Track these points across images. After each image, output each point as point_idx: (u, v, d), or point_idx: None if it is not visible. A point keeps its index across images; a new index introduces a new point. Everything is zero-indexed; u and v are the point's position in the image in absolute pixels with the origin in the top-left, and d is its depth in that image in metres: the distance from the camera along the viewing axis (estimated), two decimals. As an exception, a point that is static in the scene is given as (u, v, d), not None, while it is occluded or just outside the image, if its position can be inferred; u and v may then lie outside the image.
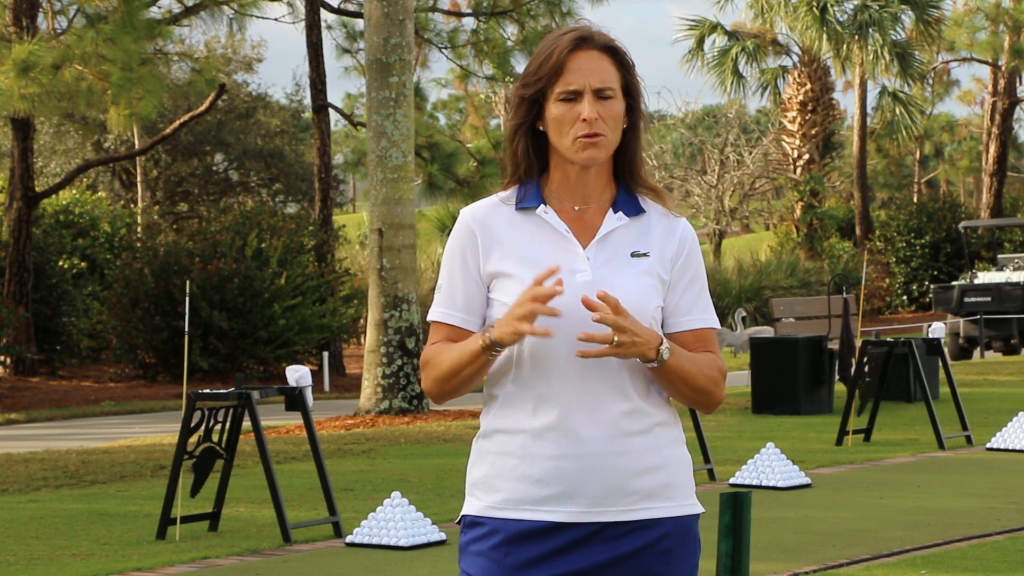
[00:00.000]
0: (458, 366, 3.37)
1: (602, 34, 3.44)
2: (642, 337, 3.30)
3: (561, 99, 3.39)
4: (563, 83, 3.39)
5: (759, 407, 17.35)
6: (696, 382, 3.40)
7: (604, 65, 3.41)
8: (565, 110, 3.39)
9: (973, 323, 28.78)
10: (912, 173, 70.61)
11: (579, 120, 3.38)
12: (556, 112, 3.40)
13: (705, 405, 3.45)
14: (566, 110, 3.39)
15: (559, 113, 3.39)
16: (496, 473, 3.41)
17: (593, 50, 3.41)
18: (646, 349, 3.31)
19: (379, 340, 17.89)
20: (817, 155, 40.23)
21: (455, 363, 3.38)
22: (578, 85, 3.39)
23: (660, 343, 3.33)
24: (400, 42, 17.97)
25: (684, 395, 3.42)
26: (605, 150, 3.40)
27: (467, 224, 3.46)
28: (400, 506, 9.43)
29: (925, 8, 38.76)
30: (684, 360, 3.38)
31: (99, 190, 39.98)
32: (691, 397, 3.42)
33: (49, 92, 22.87)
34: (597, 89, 3.39)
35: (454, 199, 31.34)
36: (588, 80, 3.39)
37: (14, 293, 25.44)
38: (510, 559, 3.37)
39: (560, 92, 3.39)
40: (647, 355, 3.32)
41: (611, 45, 3.43)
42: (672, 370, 3.36)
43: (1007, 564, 8.56)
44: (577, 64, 3.40)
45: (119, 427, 19.73)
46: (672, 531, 3.40)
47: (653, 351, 3.32)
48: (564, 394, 3.36)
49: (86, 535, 9.96)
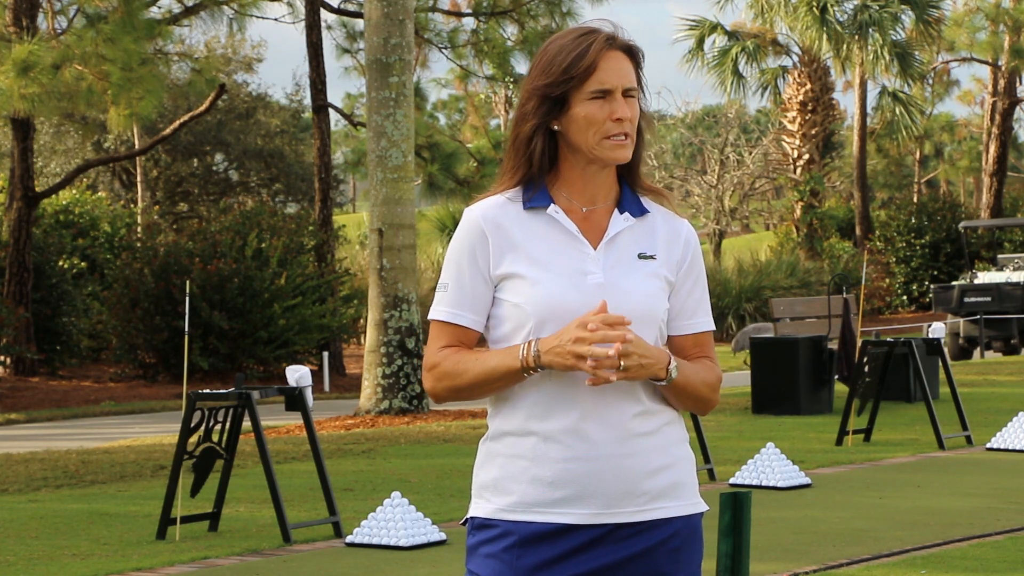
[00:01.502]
0: (487, 379, 3.36)
1: (623, 34, 3.45)
2: (650, 358, 3.31)
3: (591, 98, 3.38)
4: (596, 82, 3.37)
5: (759, 407, 17.35)
6: (699, 392, 3.44)
7: (628, 66, 3.42)
8: (595, 108, 3.37)
9: (973, 323, 28.78)
10: (912, 173, 70.63)
11: (610, 119, 3.36)
12: (585, 111, 3.37)
13: (701, 411, 3.50)
14: (596, 108, 3.37)
15: (590, 112, 3.37)
16: (507, 475, 3.40)
17: (619, 50, 3.42)
18: (655, 370, 3.33)
19: (379, 340, 17.89)
20: (817, 155, 40.23)
21: (484, 376, 3.36)
22: (611, 84, 3.37)
23: (669, 362, 3.35)
24: (400, 42, 17.97)
25: (684, 404, 3.45)
26: (631, 150, 3.42)
27: (477, 224, 3.42)
28: (400, 506, 9.43)
29: (925, 8, 38.75)
30: (690, 374, 3.41)
31: (99, 190, 40.00)
32: (690, 405, 3.46)
33: (49, 92, 22.87)
34: (626, 89, 3.39)
35: (454, 199, 31.35)
36: (619, 80, 3.38)
37: (14, 293, 25.45)
38: (523, 561, 3.37)
39: (593, 91, 3.37)
40: (656, 375, 3.34)
41: (631, 46, 3.44)
42: (679, 386, 3.39)
43: (1007, 564, 8.57)
44: (608, 64, 3.38)
45: (119, 427, 19.73)
46: (681, 529, 3.42)
47: (663, 371, 3.34)
48: (575, 397, 3.35)
49: (86, 535, 9.96)
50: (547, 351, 3.29)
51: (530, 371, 3.31)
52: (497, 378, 3.34)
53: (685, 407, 3.46)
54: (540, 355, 3.29)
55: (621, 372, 3.28)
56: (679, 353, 3.47)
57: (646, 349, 3.31)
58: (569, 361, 3.27)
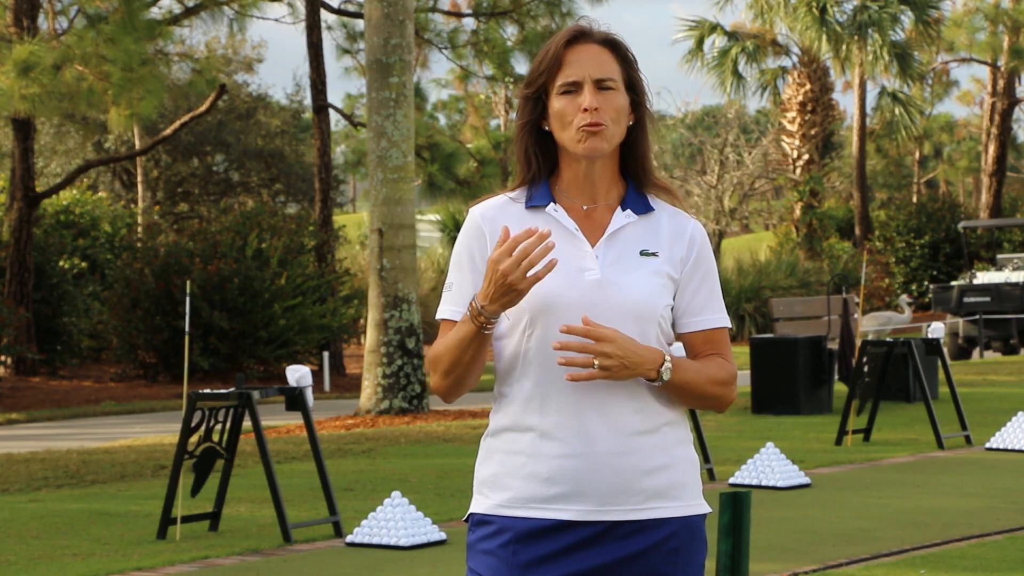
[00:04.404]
0: (460, 349, 3.36)
1: (600, 28, 3.45)
2: (635, 359, 3.30)
3: (562, 92, 3.40)
4: (563, 76, 3.40)
5: (759, 407, 17.36)
6: (703, 391, 3.40)
7: (604, 57, 3.42)
8: (566, 103, 3.39)
9: (972, 323, 28.79)
10: (911, 173, 70.61)
11: (580, 111, 3.38)
12: (558, 106, 3.40)
13: (715, 408, 3.47)
14: (567, 102, 3.39)
15: (560, 106, 3.40)
16: (504, 471, 3.41)
17: (592, 43, 3.43)
18: (643, 371, 3.32)
19: (379, 340, 17.91)
20: (817, 155, 40.24)
21: (456, 348, 3.36)
22: (577, 76, 3.39)
23: (661, 363, 3.34)
24: (400, 43, 17.99)
25: (691, 403, 3.43)
26: (607, 141, 3.40)
27: (476, 223, 3.46)
28: (400, 506, 9.44)
29: (924, 8, 38.76)
30: (688, 374, 3.38)
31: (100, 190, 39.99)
32: (699, 404, 3.43)
33: (50, 92, 22.88)
34: (597, 79, 3.39)
35: (454, 199, 31.36)
36: (587, 71, 3.39)
37: (15, 293, 25.46)
38: (518, 557, 3.38)
39: (561, 85, 3.40)
40: (646, 375, 3.33)
41: (610, 38, 3.44)
42: (676, 386, 3.37)
43: (1007, 564, 8.58)
44: (575, 56, 3.41)
45: (120, 427, 19.74)
46: (679, 530, 3.41)
47: (652, 372, 3.33)
48: (573, 393, 3.36)
49: (87, 535, 9.98)
50: (488, 300, 3.28)
51: (486, 327, 3.30)
52: (466, 345, 3.34)
53: (694, 406, 3.43)
54: (484, 308, 3.29)
55: (601, 372, 3.28)
56: (689, 350, 3.47)
57: (631, 349, 3.30)
58: (513, 292, 3.25)
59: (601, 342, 3.27)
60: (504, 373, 3.44)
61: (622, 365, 3.29)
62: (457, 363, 3.38)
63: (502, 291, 3.26)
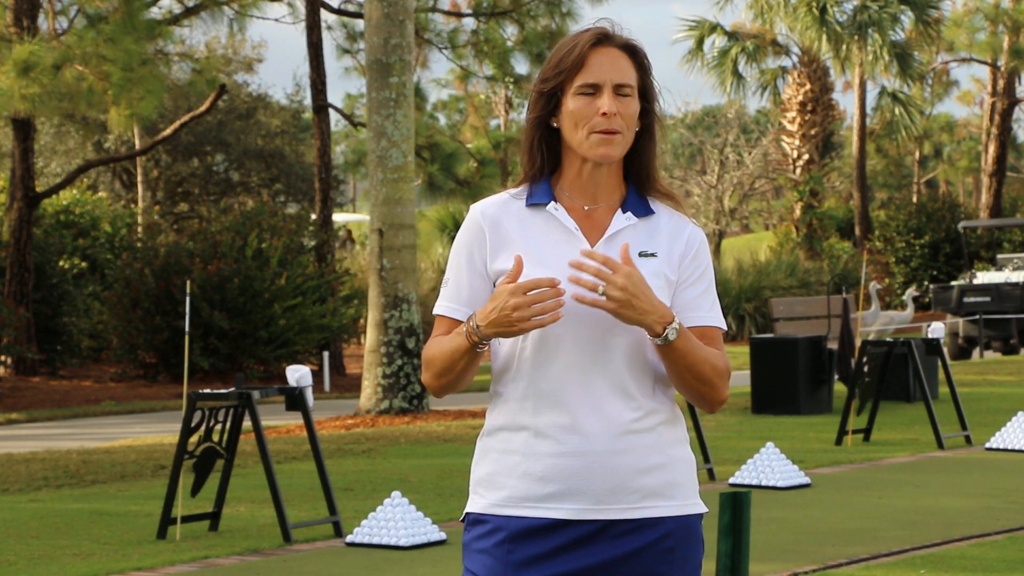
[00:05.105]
0: (452, 360, 3.38)
1: (622, 33, 3.46)
2: (644, 303, 3.28)
3: (580, 93, 3.40)
4: (583, 76, 3.39)
5: (759, 407, 17.36)
6: (702, 370, 3.36)
7: (624, 63, 3.42)
8: (583, 104, 3.39)
9: (972, 323, 28.79)
10: (911, 173, 70.60)
11: (598, 114, 3.37)
12: (574, 106, 3.40)
13: (708, 400, 3.41)
14: (584, 104, 3.39)
15: (577, 107, 3.39)
16: (499, 470, 3.42)
17: (614, 47, 3.43)
18: (649, 321, 3.29)
19: (379, 340, 17.91)
20: (817, 155, 40.24)
21: (448, 357, 3.39)
22: (598, 79, 3.39)
23: (670, 321, 3.30)
24: (400, 42, 17.99)
25: (689, 385, 3.37)
26: (620, 148, 3.40)
27: (476, 220, 3.47)
28: (400, 506, 9.44)
29: (924, 8, 38.76)
30: (692, 344, 3.34)
31: (100, 190, 39.98)
32: (695, 388, 3.38)
33: (50, 92, 22.87)
34: (617, 85, 3.40)
35: (454, 199, 31.36)
36: (609, 75, 3.39)
37: (15, 293, 25.46)
38: (513, 556, 3.38)
39: (580, 86, 3.39)
40: (652, 328, 3.30)
41: (631, 44, 3.45)
42: (679, 352, 3.32)
43: (1007, 564, 8.58)
44: (598, 59, 3.40)
45: (120, 427, 19.74)
46: (675, 530, 3.40)
47: (659, 326, 3.29)
48: (567, 392, 3.36)
49: (87, 535, 9.98)
50: (486, 324, 3.30)
51: (479, 345, 3.32)
52: (459, 357, 3.37)
53: (689, 390, 3.38)
54: (480, 328, 3.31)
55: (607, 303, 3.27)
56: None
57: (644, 293, 3.28)
58: (514, 329, 3.27)
59: (616, 273, 3.27)
60: (500, 372, 3.44)
61: (629, 303, 3.27)
62: (449, 370, 3.40)
63: (504, 322, 3.27)
